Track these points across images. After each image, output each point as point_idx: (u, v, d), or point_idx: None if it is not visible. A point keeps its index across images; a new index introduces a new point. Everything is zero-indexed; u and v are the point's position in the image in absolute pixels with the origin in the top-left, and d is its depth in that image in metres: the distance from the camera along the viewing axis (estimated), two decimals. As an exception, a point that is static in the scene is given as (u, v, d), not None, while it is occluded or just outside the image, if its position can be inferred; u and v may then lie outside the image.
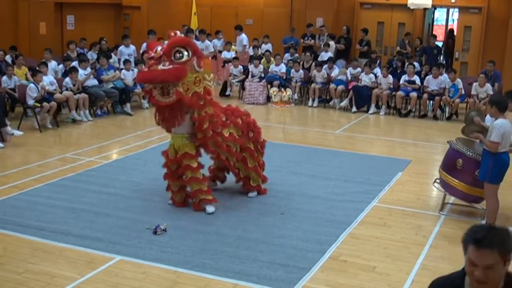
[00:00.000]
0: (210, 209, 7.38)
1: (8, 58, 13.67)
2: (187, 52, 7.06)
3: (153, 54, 7.03)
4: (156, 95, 7.06)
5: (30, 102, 11.68)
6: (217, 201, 7.48)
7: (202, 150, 7.58)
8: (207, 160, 7.94)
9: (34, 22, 16.28)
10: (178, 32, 7.44)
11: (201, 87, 7.25)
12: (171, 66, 6.95)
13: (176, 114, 7.16)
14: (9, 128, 10.85)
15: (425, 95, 14.11)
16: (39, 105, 11.65)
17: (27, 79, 12.64)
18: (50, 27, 16.82)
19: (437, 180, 8.02)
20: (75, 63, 13.27)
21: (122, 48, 15.55)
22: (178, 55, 7.00)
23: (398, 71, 15.15)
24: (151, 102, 7.50)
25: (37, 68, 12.34)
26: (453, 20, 23.51)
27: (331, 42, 17.29)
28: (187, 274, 5.83)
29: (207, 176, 7.99)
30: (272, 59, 16.25)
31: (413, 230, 7.14)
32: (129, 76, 13.96)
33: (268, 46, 17.54)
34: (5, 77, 12.31)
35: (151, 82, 7.04)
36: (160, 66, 6.93)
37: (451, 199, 8.02)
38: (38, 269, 5.85)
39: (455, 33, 19.27)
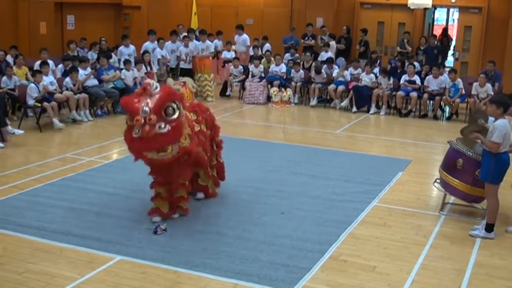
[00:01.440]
0: (174, 215, 7.17)
1: (9, 58, 13.65)
2: (176, 104, 6.46)
3: (143, 120, 6.23)
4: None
5: (31, 102, 11.69)
6: (189, 212, 7.25)
7: None
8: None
9: (34, 22, 16.30)
10: (149, 81, 6.67)
11: (187, 125, 6.84)
12: (168, 126, 6.33)
13: (175, 167, 6.82)
14: (9, 128, 10.85)
15: (425, 95, 14.10)
16: (39, 105, 11.66)
17: (27, 79, 12.64)
18: (50, 27, 16.84)
19: (438, 180, 8.01)
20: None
21: (121, 48, 15.54)
22: (170, 111, 6.39)
23: (399, 71, 15.15)
24: (145, 161, 6.79)
25: (39, 68, 12.32)
26: (453, 19, 23.53)
27: (332, 42, 17.29)
28: (188, 274, 5.83)
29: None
30: (272, 59, 16.25)
31: (414, 229, 7.14)
32: (129, 76, 13.97)
33: (267, 46, 17.56)
34: (4, 78, 12.29)
35: (157, 150, 6.48)
36: (157, 130, 6.27)
37: (451, 199, 8.02)
38: (38, 269, 5.85)
39: (448, 32, 19.31)
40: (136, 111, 6.31)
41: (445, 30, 20.61)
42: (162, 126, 6.29)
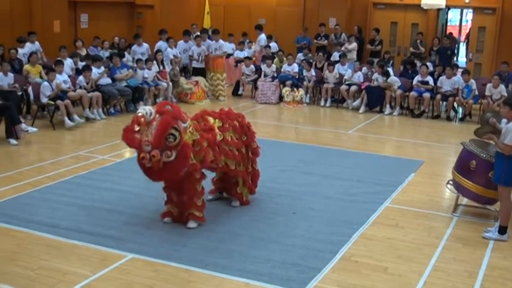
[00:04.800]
0: (191, 224, 6.91)
1: (29, 48, 13.92)
2: (176, 128, 6.33)
3: (148, 156, 6.25)
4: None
5: (44, 100, 11.76)
6: (205, 220, 7.03)
7: None
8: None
9: (48, 20, 16.38)
10: (142, 110, 6.43)
11: (193, 132, 6.76)
12: (175, 152, 6.33)
13: (185, 182, 6.82)
14: (23, 125, 10.96)
15: (438, 96, 14.04)
16: (53, 103, 11.73)
17: (41, 77, 12.72)
18: (64, 25, 16.92)
19: (450, 182, 7.97)
20: (83, 63, 13.39)
21: (134, 47, 15.61)
22: (171, 139, 6.28)
23: (410, 72, 15.10)
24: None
25: (53, 67, 12.37)
26: (467, 20, 23.42)
27: (354, 44, 17.19)
28: (199, 273, 5.85)
29: (212, 188, 7.89)
30: (285, 58, 16.25)
31: (426, 231, 7.11)
32: (139, 74, 14.06)
33: (274, 45, 17.53)
34: (0, 74, 11.88)
35: (170, 178, 6.65)
36: (164, 159, 6.30)
37: (464, 200, 7.97)
38: (51, 266, 5.89)
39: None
40: (139, 147, 6.36)
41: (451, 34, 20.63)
42: (169, 153, 6.32)
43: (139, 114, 6.37)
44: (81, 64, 13.75)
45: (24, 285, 5.50)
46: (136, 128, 6.40)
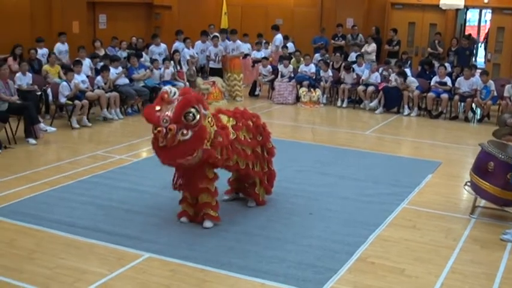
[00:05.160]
0: (207, 224, 6.90)
1: (59, 48, 14.30)
2: (196, 108, 6.37)
3: (164, 130, 6.22)
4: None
5: (62, 100, 11.86)
6: (220, 220, 7.03)
7: None
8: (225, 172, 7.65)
9: (67, 21, 16.51)
10: (166, 88, 6.55)
11: (213, 124, 6.80)
12: (191, 132, 6.33)
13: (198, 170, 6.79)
14: (42, 125, 11.08)
15: (456, 97, 13.94)
16: (71, 103, 11.82)
17: (60, 77, 12.83)
18: (83, 26, 17.06)
19: (468, 183, 7.91)
20: (102, 64, 13.51)
21: (152, 47, 15.70)
22: (190, 117, 6.31)
23: (428, 72, 15.01)
24: (173, 165, 6.82)
25: (72, 67, 12.48)
26: (485, 20, 23.23)
27: (373, 46, 17.14)
28: (215, 273, 5.86)
29: (228, 189, 7.89)
30: (302, 59, 16.23)
31: (443, 232, 7.06)
32: (156, 74, 14.16)
33: (290, 45, 17.50)
34: (19, 74, 12.00)
35: (183, 158, 6.48)
36: (180, 137, 6.30)
37: (482, 202, 7.91)
38: (68, 265, 5.93)
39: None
40: (157, 121, 6.31)
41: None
42: (185, 132, 6.31)
43: (164, 90, 6.47)
44: (99, 64, 13.85)
45: (42, 283, 5.54)
46: (158, 108, 6.43)
